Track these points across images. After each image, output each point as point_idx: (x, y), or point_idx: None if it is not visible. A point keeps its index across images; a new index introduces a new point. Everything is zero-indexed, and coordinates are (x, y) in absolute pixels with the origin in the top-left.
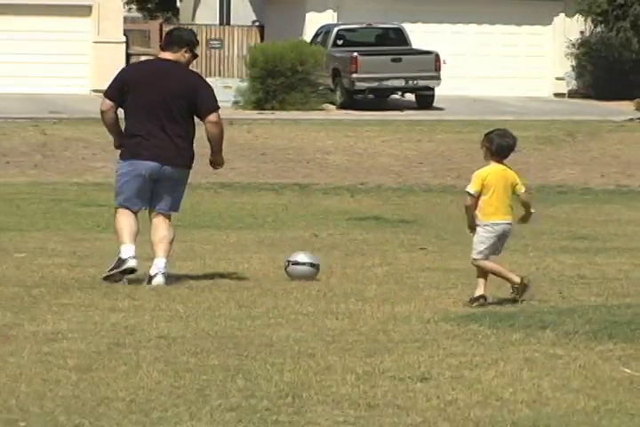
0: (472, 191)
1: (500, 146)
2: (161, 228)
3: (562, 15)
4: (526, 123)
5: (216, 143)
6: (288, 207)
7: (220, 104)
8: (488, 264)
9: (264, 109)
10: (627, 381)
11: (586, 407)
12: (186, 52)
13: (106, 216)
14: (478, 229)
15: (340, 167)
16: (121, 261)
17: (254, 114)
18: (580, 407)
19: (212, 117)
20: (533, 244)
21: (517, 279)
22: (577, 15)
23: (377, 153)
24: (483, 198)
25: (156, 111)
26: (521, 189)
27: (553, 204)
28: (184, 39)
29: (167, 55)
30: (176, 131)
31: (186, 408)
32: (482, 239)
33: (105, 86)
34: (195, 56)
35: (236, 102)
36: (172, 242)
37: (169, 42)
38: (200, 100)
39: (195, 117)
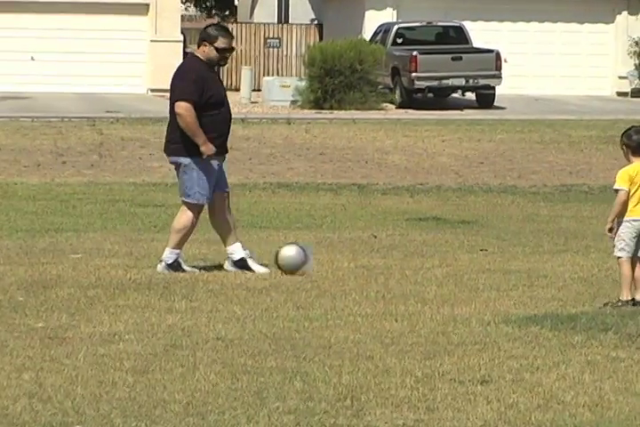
0: (624, 187)
1: (639, 142)
2: (176, 217)
3: (624, 13)
4: (588, 122)
5: (186, 131)
6: (346, 208)
7: (277, 103)
8: (625, 267)
9: (322, 109)
10: None
11: None
12: (204, 46)
13: (163, 217)
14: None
15: (399, 167)
16: None
17: (312, 113)
18: None
19: (175, 107)
20: (595, 245)
21: (628, 297)
22: None
23: (436, 153)
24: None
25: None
26: None
27: None
28: (200, 35)
29: (197, 50)
30: (174, 121)
31: (243, 411)
32: (621, 235)
33: (162, 86)
34: (215, 49)
35: (294, 102)
36: (178, 231)
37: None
38: (170, 90)
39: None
